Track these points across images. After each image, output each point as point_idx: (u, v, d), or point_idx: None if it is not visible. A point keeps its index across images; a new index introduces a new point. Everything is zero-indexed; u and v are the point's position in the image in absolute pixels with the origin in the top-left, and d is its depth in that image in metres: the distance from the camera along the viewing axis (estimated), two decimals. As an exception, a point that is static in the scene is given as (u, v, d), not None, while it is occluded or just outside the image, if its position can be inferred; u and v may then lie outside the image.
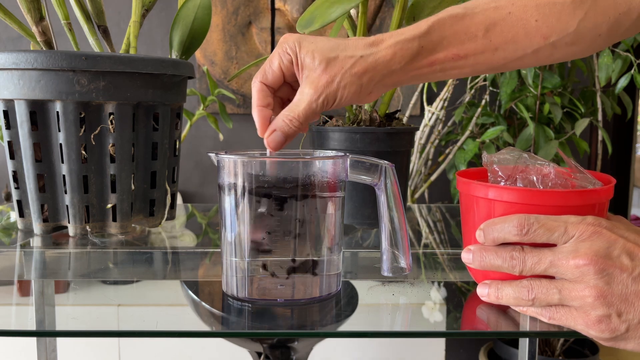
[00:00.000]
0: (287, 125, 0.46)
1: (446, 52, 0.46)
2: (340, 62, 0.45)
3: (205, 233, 0.79)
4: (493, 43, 0.46)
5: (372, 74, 0.46)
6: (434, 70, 0.47)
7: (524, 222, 0.41)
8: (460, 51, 0.46)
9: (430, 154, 1.40)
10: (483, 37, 0.46)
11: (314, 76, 0.46)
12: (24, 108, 0.57)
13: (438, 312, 0.48)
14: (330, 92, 0.46)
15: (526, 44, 0.46)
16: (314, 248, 0.45)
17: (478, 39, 0.46)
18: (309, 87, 0.46)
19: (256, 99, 0.48)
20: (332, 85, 0.45)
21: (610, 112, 1.38)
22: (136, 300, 0.52)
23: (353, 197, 0.68)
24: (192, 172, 1.80)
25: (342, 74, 0.45)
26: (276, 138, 0.47)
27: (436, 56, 0.46)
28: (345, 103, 0.47)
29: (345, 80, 0.46)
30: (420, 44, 0.46)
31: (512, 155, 0.48)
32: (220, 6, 1.70)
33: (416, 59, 0.46)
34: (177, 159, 0.69)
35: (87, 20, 0.65)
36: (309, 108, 0.46)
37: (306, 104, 0.46)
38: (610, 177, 0.46)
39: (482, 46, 0.46)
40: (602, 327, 0.39)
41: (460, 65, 0.47)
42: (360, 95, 0.47)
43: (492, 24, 0.46)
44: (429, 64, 0.47)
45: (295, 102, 0.46)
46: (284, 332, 0.44)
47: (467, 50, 0.46)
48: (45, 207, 0.60)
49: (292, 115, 0.46)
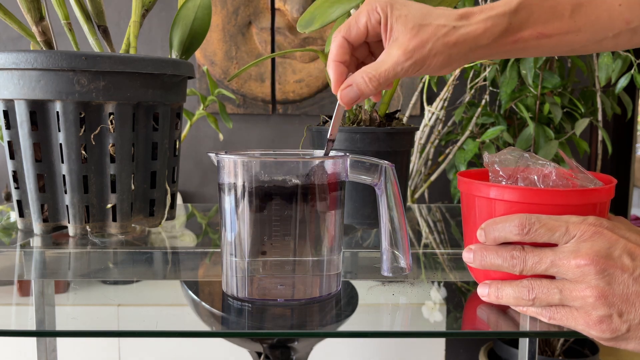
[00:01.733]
0: (365, 83, 0.45)
1: (532, 31, 0.46)
2: (433, 29, 0.45)
3: (205, 233, 0.79)
4: (577, 24, 0.46)
5: (462, 47, 0.45)
6: (516, 48, 0.47)
7: (525, 222, 0.41)
8: (545, 30, 0.46)
9: (430, 154, 1.40)
10: (569, 17, 0.46)
11: (404, 40, 0.44)
12: (24, 108, 0.57)
13: (438, 312, 0.48)
14: (420, 58, 0.45)
15: (608, 27, 0.46)
16: (314, 248, 0.45)
17: (564, 19, 0.46)
18: (397, 49, 0.45)
19: (335, 53, 0.47)
20: (422, 51, 0.44)
21: (610, 112, 1.38)
22: (136, 300, 0.52)
23: (353, 197, 0.68)
24: (192, 172, 1.80)
25: (435, 41, 0.44)
26: (350, 93, 0.46)
27: (521, 34, 0.46)
28: (429, 72, 0.46)
29: (437, 49, 0.45)
30: (509, 21, 0.45)
31: (513, 155, 0.48)
32: (220, 6, 1.70)
33: (503, 35, 0.46)
34: (177, 159, 0.69)
35: (87, 20, 0.65)
36: (393, 69, 0.45)
37: (391, 65, 0.45)
38: (611, 178, 0.46)
39: (566, 26, 0.46)
40: (603, 327, 0.39)
41: (542, 45, 0.47)
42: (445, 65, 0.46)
43: (579, 4, 0.45)
44: (513, 42, 0.46)
45: (380, 61, 0.45)
46: (284, 332, 0.44)
47: (552, 30, 0.46)
48: (45, 207, 0.60)
49: (373, 74, 0.45)
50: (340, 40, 0.46)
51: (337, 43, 0.47)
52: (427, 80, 1.39)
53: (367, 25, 0.46)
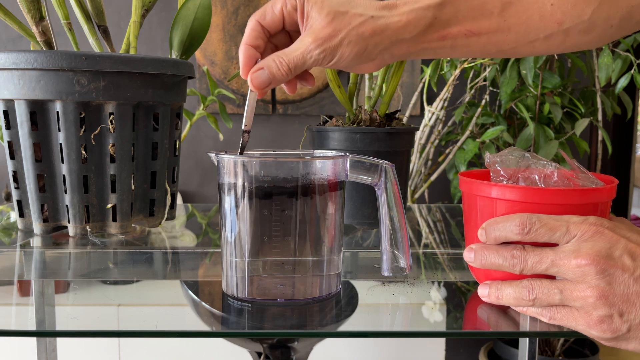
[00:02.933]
0: (276, 67, 0.44)
1: (459, 27, 0.45)
2: (349, 18, 0.43)
3: (205, 233, 0.79)
4: (507, 23, 0.45)
5: (380, 38, 0.44)
6: (444, 45, 0.46)
7: (526, 221, 0.41)
8: (473, 27, 0.45)
9: (430, 154, 1.40)
10: (498, 15, 0.45)
11: (318, 27, 0.43)
12: (24, 108, 0.57)
13: (438, 312, 0.48)
14: (331, 47, 0.44)
15: (539, 28, 0.46)
16: (314, 248, 0.45)
17: (493, 17, 0.45)
18: (309, 36, 0.44)
19: (247, 36, 0.45)
20: (334, 40, 0.43)
21: (610, 112, 1.38)
22: (136, 300, 0.52)
23: (353, 197, 0.68)
24: (192, 172, 1.80)
25: (348, 31, 0.43)
26: (262, 76, 0.44)
27: (449, 30, 0.45)
28: (343, 64, 0.45)
29: (350, 38, 0.43)
30: (434, 15, 0.45)
31: (514, 155, 0.48)
32: (220, 6, 1.70)
33: (428, 30, 0.45)
34: (177, 159, 0.69)
35: (87, 20, 0.65)
36: (302, 57, 0.44)
37: (300, 52, 0.44)
38: (612, 178, 0.46)
39: (496, 25, 0.45)
40: (604, 328, 0.39)
41: (472, 43, 0.46)
42: (361, 58, 0.45)
43: (509, 2, 0.45)
44: (440, 38, 0.46)
45: (292, 48, 0.44)
46: (284, 332, 0.44)
47: (480, 28, 0.45)
48: (45, 207, 0.60)
49: (283, 59, 0.44)
50: (253, 23, 0.45)
51: (250, 26, 0.45)
52: (427, 80, 1.39)
53: (283, 11, 0.45)
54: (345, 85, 0.73)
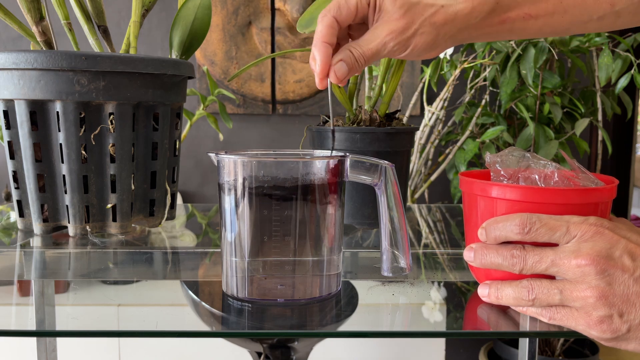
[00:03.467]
0: (354, 59, 0.45)
1: (518, 11, 0.46)
2: (421, 9, 0.44)
3: (205, 233, 0.79)
4: (563, 5, 0.46)
5: (450, 26, 0.45)
6: (503, 29, 0.47)
7: (526, 221, 0.41)
8: (532, 11, 0.46)
9: (430, 154, 1.39)
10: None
11: (392, 19, 0.44)
12: (24, 108, 0.57)
13: (438, 312, 0.48)
14: (405, 38, 0.45)
15: (593, 10, 0.47)
16: (314, 248, 0.45)
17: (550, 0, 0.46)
18: (384, 27, 0.44)
19: (324, 34, 0.45)
20: (408, 31, 0.44)
21: (610, 112, 1.38)
22: (136, 300, 0.52)
23: (353, 197, 0.68)
24: (192, 172, 1.80)
25: (422, 22, 0.44)
26: (342, 69, 0.45)
27: (509, 14, 0.46)
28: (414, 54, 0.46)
29: (423, 29, 0.45)
30: (496, 0, 0.45)
31: (514, 155, 0.48)
32: (220, 6, 1.70)
33: (491, 15, 0.46)
34: (177, 159, 0.69)
35: (87, 20, 0.65)
36: (378, 49, 0.45)
37: (376, 45, 0.45)
38: (613, 178, 0.46)
39: (552, 7, 0.46)
40: (604, 328, 0.39)
41: (529, 26, 0.47)
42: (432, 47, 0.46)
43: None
44: (500, 22, 0.47)
45: (367, 39, 0.45)
46: (284, 332, 0.44)
47: (538, 10, 0.46)
48: (45, 207, 0.60)
49: (361, 51, 0.45)
50: (330, 20, 0.45)
51: (326, 23, 0.45)
52: (427, 80, 1.39)
53: (357, 5, 0.45)
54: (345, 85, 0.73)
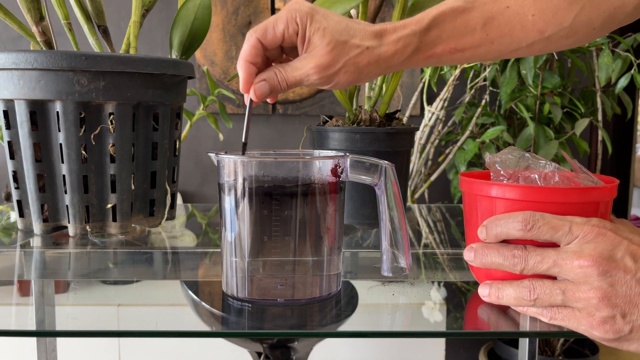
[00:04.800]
0: (277, 81, 0.47)
1: (444, 46, 0.47)
2: (347, 49, 0.46)
3: (205, 233, 0.79)
4: (490, 37, 0.47)
5: (374, 67, 0.47)
6: (429, 62, 0.49)
7: (529, 218, 0.41)
8: (457, 45, 0.47)
9: (430, 154, 1.39)
10: (481, 30, 0.47)
11: (319, 54, 0.46)
12: (24, 108, 0.57)
13: (438, 312, 0.48)
14: (329, 74, 0.47)
15: (522, 38, 0.47)
16: (314, 248, 0.45)
17: (476, 33, 0.47)
18: (310, 60, 0.46)
19: (247, 53, 0.47)
20: (332, 68, 0.46)
21: (610, 112, 1.38)
22: (136, 300, 0.52)
23: (353, 197, 0.68)
24: (192, 172, 1.80)
25: (346, 61, 0.46)
26: (263, 88, 0.47)
27: (434, 51, 0.48)
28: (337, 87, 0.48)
29: (347, 68, 0.47)
30: (420, 40, 0.47)
31: (514, 155, 0.48)
32: (220, 6, 1.70)
33: (415, 54, 0.47)
34: (177, 159, 0.69)
35: (87, 20, 0.65)
36: (302, 79, 0.47)
37: (300, 74, 0.47)
38: (613, 178, 0.46)
39: (479, 40, 0.47)
40: (607, 328, 0.39)
41: (456, 58, 0.49)
42: (354, 82, 0.48)
43: (491, 17, 0.46)
44: (426, 58, 0.48)
45: (293, 66, 0.47)
46: (284, 332, 0.44)
47: (464, 44, 0.47)
48: (45, 207, 0.60)
49: (285, 75, 0.47)
50: (254, 41, 0.47)
51: (250, 43, 0.47)
52: (427, 81, 1.39)
53: (284, 33, 0.47)
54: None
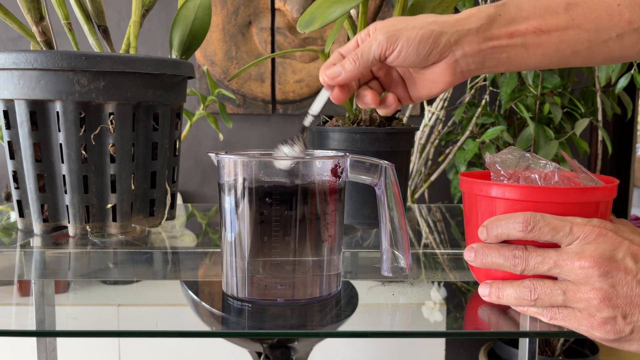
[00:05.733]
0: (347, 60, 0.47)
1: (527, 25, 0.45)
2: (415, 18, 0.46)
3: (205, 233, 0.79)
4: (575, 21, 0.45)
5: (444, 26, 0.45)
6: (515, 43, 0.46)
7: (530, 219, 0.40)
8: (542, 25, 0.45)
9: (430, 154, 1.39)
10: (564, 13, 0.45)
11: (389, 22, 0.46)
12: (24, 108, 0.57)
13: (438, 312, 0.48)
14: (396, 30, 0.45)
15: (610, 26, 0.45)
16: (314, 248, 0.45)
17: (560, 15, 0.45)
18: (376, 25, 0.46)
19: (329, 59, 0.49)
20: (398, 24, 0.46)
21: (610, 112, 1.38)
22: (136, 300, 0.52)
23: (353, 197, 0.68)
24: (192, 172, 1.80)
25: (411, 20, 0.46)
26: (335, 70, 0.47)
27: (516, 27, 0.45)
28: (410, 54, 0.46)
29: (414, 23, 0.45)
30: (496, 11, 0.45)
31: (514, 155, 0.48)
32: (220, 6, 1.70)
33: (494, 24, 0.45)
34: (177, 159, 0.69)
35: (87, 20, 0.65)
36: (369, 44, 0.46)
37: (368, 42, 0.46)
38: (613, 178, 0.46)
39: (564, 22, 0.45)
40: (607, 329, 0.39)
41: (543, 42, 0.46)
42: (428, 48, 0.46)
43: (573, 2, 0.45)
44: (508, 35, 0.45)
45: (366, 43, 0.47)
46: (284, 332, 0.44)
47: (549, 25, 0.45)
48: (45, 207, 0.60)
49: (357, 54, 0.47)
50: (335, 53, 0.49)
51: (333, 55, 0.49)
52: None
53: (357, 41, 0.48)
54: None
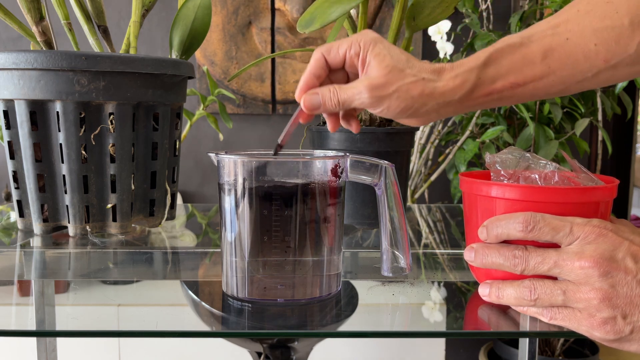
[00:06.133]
0: (329, 96, 0.47)
1: (504, 82, 0.46)
2: (403, 75, 0.46)
3: (205, 233, 0.79)
4: (552, 68, 0.45)
5: (427, 99, 0.46)
6: (490, 99, 0.47)
7: (530, 219, 0.41)
8: (518, 79, 0.46)
9: (430, 154, 1.39)
10: (541, 63, 0.45)
11: (374, 76, 0.46)
12: (24, 108, 0.57)
13: (438, 312, 0.48)
14: (380, 96, 0.46)
15: (586, 68, 0.45)
16: (314, 248, 0.45)
17: (536, 66, 0.45)
18: (365, 82, 0.46)
19: (311, 66, 0.48)
20: (385, 90, 0.46)
21: (610, 112, 1.38)
22: (136, 300, 0.52)
23: (353, 197, 0.68)
24: (192, 172, 1.80)
25: (399, 86, 0.46)
26: (314, 100, 0.47)
27: (494, 87, 0.46)
28: (389, 114, 0.47)
29: (399, 93, 0.46)
30: (478, 76, 0.46)
31: (514, 155, 0.48)
32: (220, 6, 1.70)
33: (474, 91, 0.46)
34: (177, 159, 0.69)
35: (87, 20, 0.65)
36: (353, 96, 0.46)
37: (352, 92, 0.46)
38: (613, 178, 0.46)
39: (540, 72, 0.45)
40: (607, 329, 0.39)
41: (518, 94, 0.47)
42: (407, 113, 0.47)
43: (550, 49, 0.45)
44: (486, 95, 0.46)
45: (347, 86, 0.47)
46: (284, 332, 0.44)
47: (525, 78, 0.45)
48: (45, 207, 0.60)
49: (337, 91, 0.47)
50: (318, 55, 0.48)
51: (315, 57, 0.48)
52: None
53: (346, 54, 0.47)
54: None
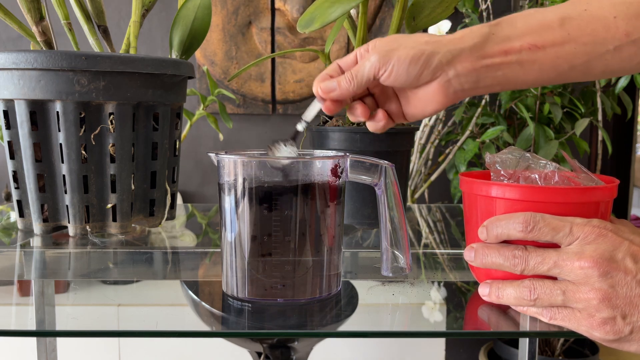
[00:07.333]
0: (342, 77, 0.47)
1: (521, 41, 0.44)
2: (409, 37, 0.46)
3: (205, 233, 0.79)
4: (571, 35, 0.44)
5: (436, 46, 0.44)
6: (509, 60, 0.45)
7: (530, 219, 0.41)
8: (537, 41, 0.44)
9: (430, 154, 1.39)
10: (559, 28, 0.44)
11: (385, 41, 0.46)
12: (24, 108, 0.57)
13: (438, 312, 0.48)
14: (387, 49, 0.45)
15: (607, 39, 0.44)
16: (313, 248, 0.45)
17: (554, 30, 0.44)
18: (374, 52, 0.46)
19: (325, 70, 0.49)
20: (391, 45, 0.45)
21: (610, 112, 1.38)
22: (136, 300, 0.52)
23: (353, 197, 0.68)
24: (192, 172, 1.80)
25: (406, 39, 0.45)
26: (329, 84, 0.47)
27: (511, 44, 0.44)
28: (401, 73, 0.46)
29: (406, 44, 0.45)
30: (490, 30, 0.45)
31: (514, 155, 0.48)
32: (220, 6, 1.70)
33: (487, 43, 0.44)
34: (177, 159, 0.69)
35: (87, 20, 0.65)
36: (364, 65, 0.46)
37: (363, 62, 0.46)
38: (613, 178, 0.46)
39: (560, 37, 0.44)
40: (607, 329, 0.39)
41: (539, 59, 0.45)
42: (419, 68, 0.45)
43: (568, 17, 0.44)
44: (503, 53, 0.45)
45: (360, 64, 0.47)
46: (284, 332, 0.44)
47: (544, 41, 0.44)
48: (45, 207, 0.60)
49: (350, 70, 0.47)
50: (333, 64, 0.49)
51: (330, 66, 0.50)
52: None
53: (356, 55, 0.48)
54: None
